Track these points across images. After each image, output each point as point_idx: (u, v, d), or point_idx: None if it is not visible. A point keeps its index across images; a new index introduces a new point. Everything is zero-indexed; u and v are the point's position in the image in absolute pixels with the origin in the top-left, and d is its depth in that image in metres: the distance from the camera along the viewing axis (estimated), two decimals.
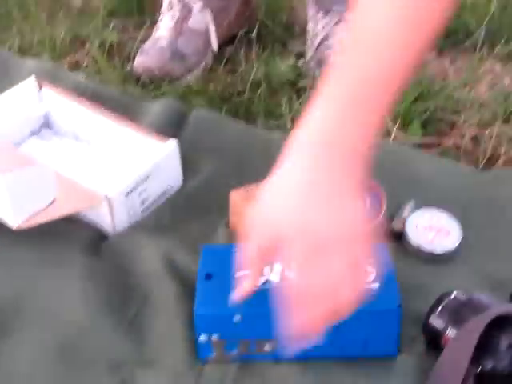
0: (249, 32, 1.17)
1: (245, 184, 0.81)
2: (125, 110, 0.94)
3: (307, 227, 0.56)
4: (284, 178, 0.58)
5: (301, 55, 1.13)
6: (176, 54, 1.07)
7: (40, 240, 0.76)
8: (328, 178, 0.57)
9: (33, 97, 0.92)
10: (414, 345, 0.68)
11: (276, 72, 1.06)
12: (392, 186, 0.83)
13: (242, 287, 0.61)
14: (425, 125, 0.95)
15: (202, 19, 1.10)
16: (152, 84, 1.03)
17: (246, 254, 0.59)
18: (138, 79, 1.06)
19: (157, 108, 0.95)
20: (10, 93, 0.90)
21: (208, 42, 1.10)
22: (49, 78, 0.96)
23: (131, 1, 1.25)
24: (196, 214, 0.82)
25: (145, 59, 1.07)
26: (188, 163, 0.87)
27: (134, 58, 1.08)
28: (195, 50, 1.08)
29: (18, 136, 0.92)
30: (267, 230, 0.57)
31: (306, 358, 0.66)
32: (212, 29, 1.08)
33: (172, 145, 0.83)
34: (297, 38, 1.21)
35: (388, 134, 0.92)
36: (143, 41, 1.12)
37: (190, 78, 1.07)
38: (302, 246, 0.56)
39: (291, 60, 1.11)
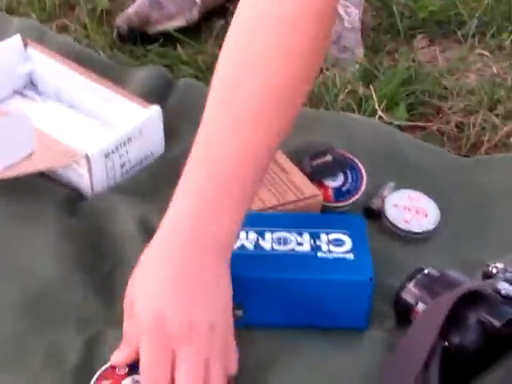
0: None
1: None
2: (111, 74, 0.94)
3: (158, 318, 0.56)
4: (150, 262, 0.59)
5: None
6: (154, 2, 1.08)
7: (15, 195, 0.76)
8: (186, 270, 0.58)
9: (17, 55, 0.91)
10: (385, 320, 0.69)
11: None
12: (374, 165, 0.83)
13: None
14: (410, 108, 0.96)
15: None
16: (139, 52, 1.03)
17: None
18: (122, 40, 1.05)
19: (144, 74, 0.95)
20: None
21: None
22: (35, 37, 0.96)
23: None
24: (176, 181, 0.81)
25: (125, 12, 1.08)
26: (172, 131, 0.86)
27: None
28: (175, 0, 1.09)
29: (2, 95, 0.91)
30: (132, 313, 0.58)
31: (276, 325, 0.66)
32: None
33: (155, 110, 0.83)
34: None
35: (373, 114, 0.93)
36: None
37: (169, 28, 1.07)
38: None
39: None
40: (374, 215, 0.80)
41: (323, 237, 0.69)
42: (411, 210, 0.80)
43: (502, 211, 0.80)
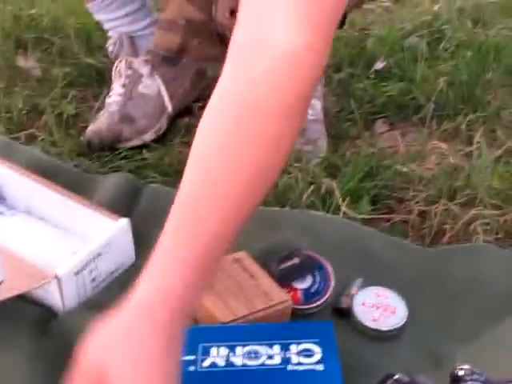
0: (206, 103, 1.21)
1: None
2: (78, 184, 0.97)
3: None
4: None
5: None
6: (125, 117, 1.10)
7: None
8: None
9: None
10: None
11: None
12: (340, 263, 0.86)
13: None
14: (374, 200, 0.99)
15: (152, 83, 1.13)
16: (106, 157, 1.06)
17: None
18: (92, 151, 1.08)
19: (110, 183, 0.97)
20: None
21: (161, 106, 1.14)
22: (3, 151, 0.98)
23: (90, 71, 1.28)
24: None
25: (95, 124, 1.10)
26: (141, 239, 0.88)
27: None
28: (145, 113, 1.12)
29: None
30: None
31: None
32: (164, 91, 1.11)
33: (123, 223, 0.85)
34: None
35: (337, 210, 0.96)
36: (100, 110, 1.15)
37: (139, 143, 1.10)
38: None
39: None
40: (344, 314, 0.82)
41: (293, 348, 0.71)
42: (379, 307, 0.82)
43: (466, 302, 0.83)
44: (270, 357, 0.70)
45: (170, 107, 0.99)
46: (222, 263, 0.82)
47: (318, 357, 0.70)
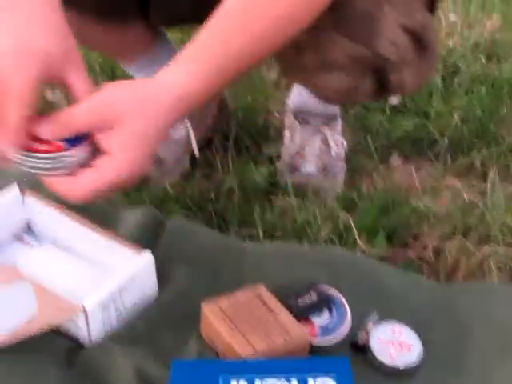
0: (225, 135, 1.25)
1: (218, 294, 0.86)
2: (104, 216, 1.00)
3: None
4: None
5: (274, 157, 1.21)
6: (156, 161, 1.13)
7: (13, 351, 0.79)
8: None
9: (16, 204, 0.97)
10: None
11: (250, 179, 1.13)
12: (356, 298, 0.88)
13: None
14: (389, 236, 1.01)
15: (181, 127, 1.17)
16: (132, 190, 1.09)
17: None
18: None
19: (134, 216, 1.00)
20: None
21: (188, 149, 1.17)
22: (32, 184, 1.01)
23: None
24: (169, 324, 0.86)
25: None
26: (163, 272, 0.91)
27: None
28: (175, 157, 1.15)
29: (1, 241, 0.97)
30: None
31: None
32: (192, 136, 1.14)
33: (147, 257, 0.88)
34: (271, 141, 1.29)
35: (354, 246, 0.98)
36: None
37: (168, 183, 1.13)
38: None
39: (265, 166, 1.18)
40: (360, 349, 0.85)
41: (310, 382, 0.73)
42: (395, 344, 0.84)
43: (479, 342, 0.85)
44: None
45: (196, 151, 1.02)
46: (241, 297, 0.85)
47: None
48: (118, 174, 0.70)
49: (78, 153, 0.69)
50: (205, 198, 1.10)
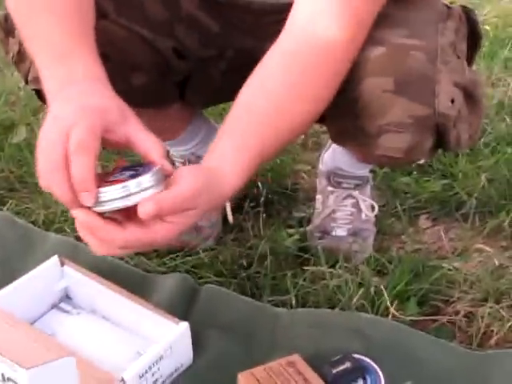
0: (255, 199, 1.27)
1: (252, 360, 0.87)
2: (139, 283, 1.03)
3: None
4: None
5: (304, 220, 1.23)
6: (193, 228, 1.16)
7: None
8: None
9: (55, 274, 1.00)
10: None
11: (281, 245, 1.15)
12: (390, 366, 0.89)
13: None
14: (421, 301, 1.02)
15: None
16: (164, 257, 1.11)
17: None
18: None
19: (169, 283, 1.03)
20: (36, 271, 0.98)
21: (223, 215, 1.19)
22: (69, 252, 1.05)
23: None
24: None
25: None
26: (198, 340, 0.93)
27: None
28: (211, 223, 1.17)
29: (40, 309, 0.99)
30: None
31: None
32: (228, 204, 1.17)
33: (184, 326, 0.90)
34: (300, 202, 1.31)
35: (385, 311, 0.99)
36: None
37: (202, 247, 1.15)
38: None
39: (295, 229, 1.20)
40: None
41: None
42: None
43: None
44: None
45: (231, 218, 1.05)
46: (276, 367, 0.86)
47: None
48: (164, 238, 0.72)
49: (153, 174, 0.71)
50: (237, 264, 1.12)
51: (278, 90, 0.81)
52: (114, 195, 0.69)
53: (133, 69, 0.95)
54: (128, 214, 0.71)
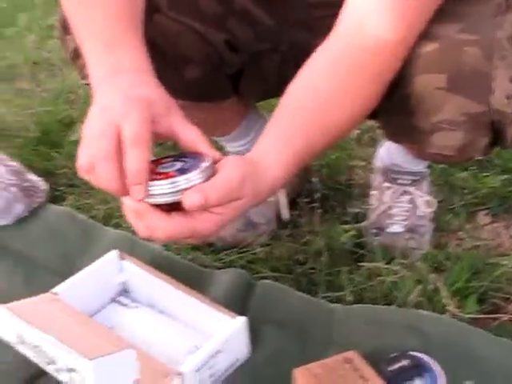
0: (310, 195, 1.27)
1: (307, 357, 0.87)
2: (195, 278, 1.04)
3: None
4: None
5: (359, 216, 1.22)
6: (249, 224, 1.16)
7: None
8: None
9: (114, 267, 1.02)
10: None
11: (337, 241, 1.14)
12: (449, 364, 0.87)
13: None
14: (480, 300, 1.00)
15: None
16: (220, 252, 1.12)
17: None
18: (209, 244, 1.15)
19: (225, 278, 1.03)
20: (96, 265, 1.00)
21: (276, 210, 1.19)
22: (127, 247, 1.07)
23: None
24: None
25: None
26: (254, 335, 0.93)
27: None
28: (266, 218, 1.18)
29: (99, 302, 1.01)
30: None
31: None
32: (284, 200, 1.17)
33: (241, 321, 0.91)
34: (356, 198, 1.30)
35: (443, 309, 0.98)
36: None
37: (258, 244, 1.15)
38: None
39: (350, 225, 1.20)
40: None
41: None
42: None
43: None
44: None
45: (287, 215, 1.04)
46: (333, 363, 0.86)
47: None
48: (208, 229, 0.72)
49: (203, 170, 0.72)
50: (292, 260, 1.12)
51: (323, 86, 0.81)
52: (164, 190, 0.70)
53: (185, 62, 0.95)
54: (175, 204, 0.72)
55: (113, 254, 1.02)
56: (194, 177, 0.70)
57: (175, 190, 0.70)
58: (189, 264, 1.08)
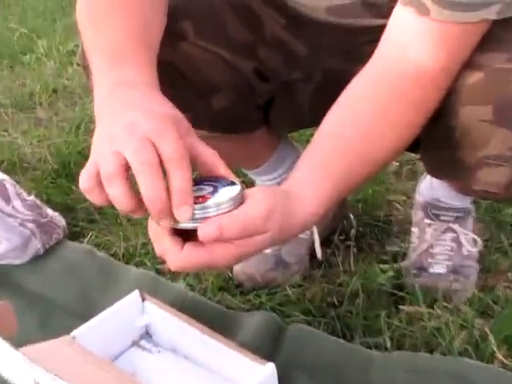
0: (345, 232, 1.28)
1: None
2: (222, 321, 1.05)
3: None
4: None
5: (399, 255, 1.22)
6: (280, 262, 1.17)
7: None
8: None
9: (136, 309, 1.03)
10: None
11: (374, 281, 1.14)
12: None
13: None
14: None
15: None
16: (249, 293, 1.13)
17: None
18: (237, 285, 1.16)
19: (254, 321, 1.04)
20: (116, 306, 1.02)
21: (310, 249, 1.20)
22: (150, 287, 1.08)
23: None
24: None
25: (246, 265, 1.16)
26: (283, 381, 0.93)
27: None
28: (298, 257, 1.18)
29: (120, 346, 1.02)
30: None
31: None
32: (317, 238, 1.18)
33: (270, 368, 0.91)
34: (394, 235, 1.30)
35: (491, 358, 0.97)
36: None
37: (289, 284, 1.16)
38: None
39: (389, 265, 1.20)
40: None
41: None
42: None
43: None
44: None
45: (320, 254, 1.05)
46: None
47: None
48: (226, 261, 0.72)
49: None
50: (326, 302, 1.12)
51: (364, 111, 0.82)
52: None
53: (213, 91, 0.97)
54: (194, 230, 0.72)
55: (135, 295, 1.03)
56: (224, 203, 0.71)
57: (203, 216, 0.70)
58: (215, 306, 1.09)
